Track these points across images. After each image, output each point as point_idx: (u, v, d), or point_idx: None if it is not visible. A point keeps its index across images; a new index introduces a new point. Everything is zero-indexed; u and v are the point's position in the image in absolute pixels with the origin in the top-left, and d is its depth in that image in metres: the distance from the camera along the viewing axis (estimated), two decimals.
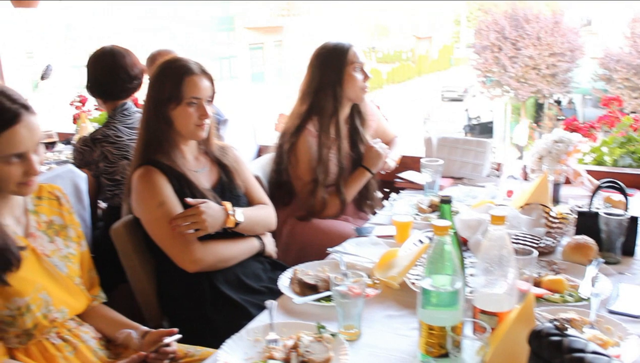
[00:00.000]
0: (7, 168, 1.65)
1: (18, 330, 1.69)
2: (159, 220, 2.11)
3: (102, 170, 2.79)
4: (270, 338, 1.59)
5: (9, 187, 1.69)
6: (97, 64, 2.89)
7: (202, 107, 2.16)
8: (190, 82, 2.13)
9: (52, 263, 1.80)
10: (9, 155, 1.64)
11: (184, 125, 2.16)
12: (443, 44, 34.89)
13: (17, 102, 1.65)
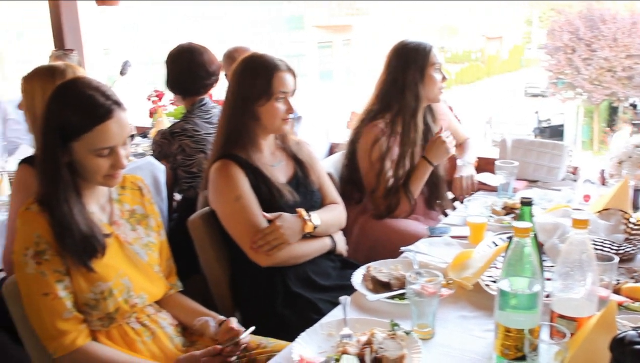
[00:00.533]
0: (97, 161, 1.72)
1: (101, 313, 1.76)
2: (235, 214, 2.16)
3: (180, 163, 2.87)
4: (344, 333, 1.61)
5: (97, 178, 1.76)
6: (177, 62, 2.98)
7: (288, 102, 2.22)
8: (279, 77, 2.19)
9: (133, 250, 1.87)
10: (100, 149, 1.71)
11: (271, 120, 2.22)
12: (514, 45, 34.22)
13: (110, 98, 1.73)
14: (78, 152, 1.72)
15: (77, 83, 1.77)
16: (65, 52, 4.04)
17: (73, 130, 1.69)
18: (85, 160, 1.72)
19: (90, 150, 1.71)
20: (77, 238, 1.70)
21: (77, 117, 1.69)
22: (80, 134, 1.69)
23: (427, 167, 2.74)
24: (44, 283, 1.68)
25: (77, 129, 1.69)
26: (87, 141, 1.70)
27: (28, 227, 1.70)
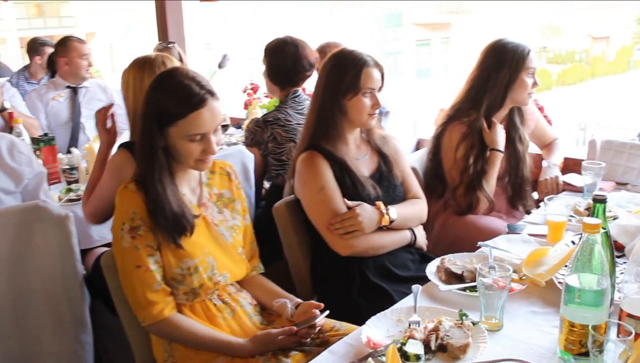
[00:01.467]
0: (189, 145, 1.85)
1: (186, 288, 1.89)
2: (318, 204, 2.25)
3: (270, 150, 3.00)
4: (413, 320, 1.67)
5: (189, 162, 1.89)
6: (280, 54, 3.08)
7: (375, 97, 2.28)
8: (366, 73, 2.25)
9: (219, 231, 1.99)
10: (193, 135, 1.84)
11: (358, 115, 2.28)
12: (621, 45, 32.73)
13: (204, 88, 1.85)
14: (173, 137, 1.85)
15: (176, 73, 1.90)
16: (167, 45, 4.25)
17: (169, 117, 1.83)
18: (179, 144, 1.86)
19: (184, 135, 1.84)
20: (168, 217, 1.84)
21: (173, 105, 1.83)
22: (176, 120, 1.83)
23: (496, 156, 2.72)
24: (137, 257, 1.83)
25: (173, 115, 1.83)
26: (182, 127, 1.83)
27: (125, 204, 1.85)
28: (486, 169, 2.72)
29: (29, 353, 2.11)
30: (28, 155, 2.24)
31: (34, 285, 2.07)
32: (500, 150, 2.71)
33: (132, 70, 2.45)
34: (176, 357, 1.91)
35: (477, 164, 2.72)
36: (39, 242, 2.04)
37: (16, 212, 2.03)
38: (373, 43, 22.47)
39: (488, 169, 2.72)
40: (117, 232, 1.85)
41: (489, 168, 2.72)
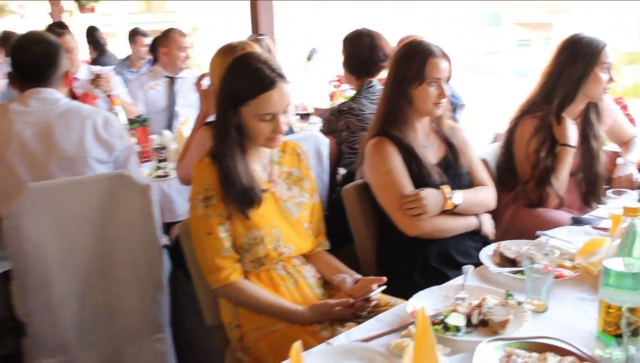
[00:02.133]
0: (260, 124, 2.00)
1: (253, 257, 2.04)
2: (386, 185, 2.34)
3: (344, 139, 3.13)
4: (459, 296, 1.74)
5: (259, 140, 2.04)
6: (358, 44, 3.22)
7: (440, 87, 2.32)
8: (432, 63, 2.31)
9: (286, 207, 2.13)
10: (263, 114, 1.98)
11: (423, 103, 2.35)
12: None
13: (275, 71, 1.99)
14: (245, 116, 2.00)
15: (249, 57, 2.05)
16: (257, 37, 4.43)
17: (242, 97, 1.98)
18: (251, 123, 2.01)
19: (255, 115, 1.99)
20: (238, 189, 1.99)
21: (245, 86, 1.98)
22: (248, 100, 1.98)
23: (566, 151, 2.70)
24: (208, 224, 1.99)
25: (245, 95, 1.98)
26: (253, 107, 1.98)
27: (201, 176, 2.02)
28: (555, 165, 2.73)
29: (111, 307, 2.32)
30: (120, 129, 2.46)
31: (118, 246, 2.28)
32: (570, 146, 2.71)
33: (218, 56, 2.64)
34: (241, 320, 2.07)
35: (548, 158, 2.73)
36: (123, 207, 2.24)
37: (104, 179, 2.24)
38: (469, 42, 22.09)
39: (557, 164, 2.72)
40: (192, 201, 2.03)
41: (558, 163, 2.71)
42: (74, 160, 2.31)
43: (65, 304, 2.23)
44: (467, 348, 1.51)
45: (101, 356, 2.36)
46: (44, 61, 2.38)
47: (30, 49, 2.39)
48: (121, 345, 2.39)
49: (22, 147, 2.27)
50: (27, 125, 2.29)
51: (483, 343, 1.49)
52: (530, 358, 1.43)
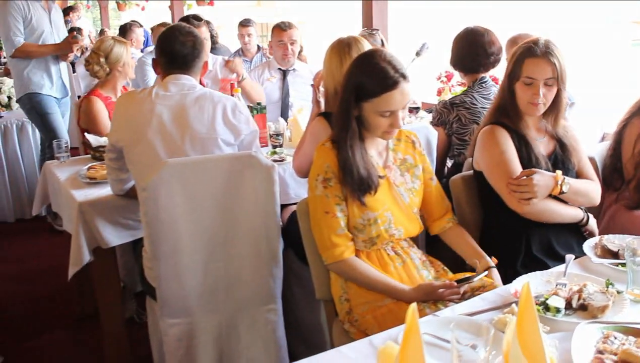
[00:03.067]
0: (379, 120, 2.15)
1: (365, 236, 2.20)
2: (499, 165, 2.43)
3: (455, 130, 3.26)
4: (560, 282, 1.84)
5: (377, 133, 2.21)
6: (460, 42, 3.35)
7: (536, 87, 2.37)
8: (530, 62, 2.37)
9: (399, 192, 2.28)
10: (383, 111, 2.14)
11: (520, 100, 2.44)
12: None
13: (398, 71, 2.14)
14: (366, 110, 2.17)
15: (375, 55, 2.20)
16: (371, 32, 4.58)
17: (365, 93, 2.14)
18: (371, 117, 2.17)
19: (376, 111, 2.15)
20: (355, 178, 2.16)
21: (370, 83, 2.13)
22: (371, 97, 2.13)
23: None
24: (326, 204, 2.17)
25: (368, 92, 2.14)
26: (375, 104, 2.14)
27: (321, 159, 2.20)
28: None
29: (231, 277, 2.54)
30: (246, 115, 2.67)
31: (241, 220, 2.49)
32: None
33: (332, 51, 2.80)
34: (350, 294, 2.23)
35: None
36: (248, 185, 2.45)
37: (232, 158, 2.46)
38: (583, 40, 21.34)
39: None
40: (312, 182, 2.21)
41: None
42: (205, 141, 2.54)
43: (191, 271, 2.47)
44: (565, 329, 1.61)
45: (219, 321, 2.58)
46: (189, 52, 2.62)
47: (177, 40, 2.62)
48: (237, 312, 2.61)
49: (160, 127, 2.52)
50: (166, 108, 2.54)
51: (582, 324, 1.57)
52: (627, 341, 1.50)
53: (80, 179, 3.13)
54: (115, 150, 2.67)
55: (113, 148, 2.67)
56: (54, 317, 3.83)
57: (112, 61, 3.77)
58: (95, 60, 3.75)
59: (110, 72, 3.80)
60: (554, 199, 2.41)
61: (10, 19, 4.69)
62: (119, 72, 3.82)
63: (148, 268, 2.60)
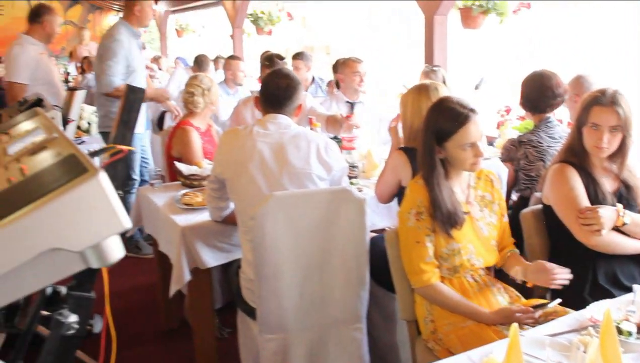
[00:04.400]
0: (463, 153, 2.44)
1: (449, 265, 2.48)
2: (568, 200, 2.65)
3: (522, 167, 3.53)
4: (630, 309, 2.08)
5: (465, 166, 2.49)
6: (529, 84, 3.63)
7: (601, 133, 2.60)
8: (596, 110, 2.61)
9: (479, 226, 2.56)
10: (464, 144, 2.43)
11: (587, 143, 2.67)
12: None
13: (466, 108, 2.45)
14: (449, 149, 2.46)
15: (446, 100, 2.53)
16: (433, 68, 4.86)
17: (445, 134, 2.45)
18: (456, 153, 2.46)
19: (458, 146, 2.44)
20: (444, 213, 2.44)
21: (446, 125, 2.45)
22: (450, 136, 2.44)
23: None
24: (418, 234, 2.46)
25: (447, 133, 2.45)
26: (455, 140, 2.44)
27: (414, 194, 2.49)
28: None
29: (324, 298, 2.82)
30: (337, 153, 2.97)
31: (334, 247, 2.78)
32: None
33: (411, 93, 3.13)
34: (434, 316, 2.50)
35: None
36: (342, 216, 2.74)
37: (330, 192, 2.77)
38: None
39: None
40: (404, 214, 2.50)
41: None
42: (301, 175, 2.84)
43: (289, 292, 2.76)
44: (637, 350, 1.86)
45: (311, 337, 2.87)
46: (284, 93, 2.94)
47: (275, 82, 2.96)
48: (327, 330, 2.89)
49: (261, 162, 2.83)
50: (266, 145, 2.85)
51: None
52: None
53: (177, 205, 3.45)
54: (218, 181, 2.99)
55: (216, 179, 2.99)
56: (143, 330, 4.15)
57: (210, 96, 4.16)
58: (200, 93, 4.15)
59: (205, 105, 4.18)
60: (618, 232, 2.62)
61: (114, 59, 4.84)
62: (211, 106, 4.21)
63: (247, 288, 2.91)
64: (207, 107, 4.23)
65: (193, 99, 4.18)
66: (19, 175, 1.42)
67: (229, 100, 6.21)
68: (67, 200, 1.15)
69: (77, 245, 1.19)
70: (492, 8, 5.36)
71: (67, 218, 1.16)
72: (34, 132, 1.84)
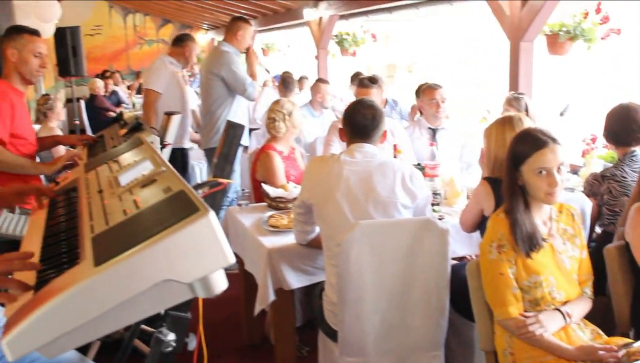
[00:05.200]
0: (537, 180, 2.49)
1: (531, 297, 2.51)
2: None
3: (605, 202, 3.50)
4: None
5: (539, 195, 2.53)
6: (613, 117, 3.61)
7: None
8: None
9: (561, 259, 2.58)
10: (538, 169, 2.47)
11: None
12: None
13: (546, 135, 2.50)
14: (525, 174, 2.51)
15: (529, 128, 2.61)
16: (516, 95, 4.85)
17: (521, 157, 2.51)
18: (530, 179, 2.51)
19: (532, 170, 2.49)
20: (524, 233, 2.49)
21: (524, 148, 2.51)
22: (525, 158, 2.50)
23: None
24: (500, 267, 2.50)
25: (523, 155, 2.51)
26: (530, 164, 2.49)
27: (496, 227, 2.54)
28: None
29: (404, 324, 2.90)
30: (421, 181, 3.05)
31: (416, 275, 2.85)
32: None
33: (495, 125, 3.17)
34: (514, 348, 2.53)
35: None
36: (425, 245, 2.81)
37: (414, 222, 2.85)
38: None
39: None
40: (485, 247, 2.55)
41: None
42: (386, 204, 2.93)
43: (370, 317, 2.85)
44: None
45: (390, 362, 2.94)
46: (371, 124, 3.04)
47: (360, 113, 3.07)
48: (406, 356, 2.96)
49: (348, 190, 2.93)
50: (353, 173, 2.96)
51: None
52: None
53: (264, 227, 3.59)
54: (305, 206, 3.11)
55: (303, 204, 3.12)
56: (225, 345, 4.30)
57: (292, 121, 4.32)
58: (281, 118, 4.31)
59: (287, 130, 4.33)
60: None
61: (239, 67, 5.51)
62: (293, 130, 4.35)
63: (330, 312, 3.01)
64: (289, 131, 4.38)
65: (275, 125, 4.35)
66: (133, 207, 1.56)
67: (314, 122, 6.36)
68: (181, 237, 1.27)
69: (187, 277, 1.31)
70: (579, 34, 5.33)
71: (180, 253, 1.28)
72: (142, 162, 1.99)
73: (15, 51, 3.42)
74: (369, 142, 3.05)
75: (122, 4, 16.38)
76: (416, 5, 7.71)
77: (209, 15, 14.39)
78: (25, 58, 3.44)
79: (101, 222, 1.61)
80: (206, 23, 16.43)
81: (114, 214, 1.61)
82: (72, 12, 15.09)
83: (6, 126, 3.40)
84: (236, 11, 12.47)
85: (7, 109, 3.41)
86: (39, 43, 3.50)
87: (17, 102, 3.52)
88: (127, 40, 16.83)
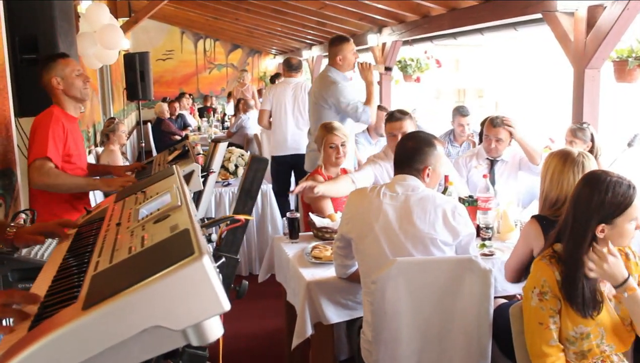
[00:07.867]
0: (628, 228, 2.31)
1: (577, 349, 2.33)
2: None
3: None
4: None
5: (626, 241, 2.37)
6: None
7: None
8: None
9: (611, 306, 2.38)
10: (632, 219, 2.29)
11: None
12: None
13: (631, 187, 2.29)
14: (617, 225, 2.30)
15: (606, 176, 2.33)
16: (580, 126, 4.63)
17: (611, 215, 2.29)
18: (622, 229, 2.31)
19: (626, 221, 2.30)
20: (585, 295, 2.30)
21: (612, 206, 2.28)
22: (617, 216, 2.29)
23: None
24: (541, 316, 2.33)
25: (614, 213, 2.29)
26: (624, 218, 2.29)
27: (539, 272, 2.38)
28: None
29: None
30: (466, 218, 2.89)
31: (456, 317, 2.71)
32: None
33: (555, 159, 2.96)
34: None
35: None
36: (466, 285, 2.67)
37: (454, 261, 2.72)
38: None
39: None
40: (528, 292, 2.39)
41: None
42: (425, 240, 2.80)
43: (406, 359, 2.72)
44: None
45: None
46: (409, 154, 2.94)
47: (402, 144, 2.98)
48: None
49: (386, 224, 2.82)
50: (392, 207, 2.84)
51: None
52: None
53: (306, 258, 3.51)
54: (344, 240, 3.02)
55: (342, 238, 3.02)
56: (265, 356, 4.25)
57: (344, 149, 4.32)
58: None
59: None
60: None
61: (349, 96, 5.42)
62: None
63: (366, 349, 2.89)
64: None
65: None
66: (139, 245, 1.50)
67: (371, 150, 6.25)
68: (171, 282, 1.20)
69: (178, 324, 1.23)
70: None
71: (170, 299, 1.21)
72: (163, 196, 1.94)
73: (59, 78, 3.49)
74: (409, 173, 2.93)
75: (195, 30, 16.80)
76: (481, 31, 7.54)
77: (277, 40, 14.56)
78: (70, 81, 3.51)
79: (107, 258, 1.55)
80: (274, 48, 16.62)
81: (120, 251, 1.56)
82: (145, 38, 15.61)
83: (59, 150, 3.46)
84: (303, 37, 12.56)
85: (60, 133, 3.48)
86: (73, 63, 3.58)
87: (70, 128, 3.58)
88: (197, 65, 17.22)
